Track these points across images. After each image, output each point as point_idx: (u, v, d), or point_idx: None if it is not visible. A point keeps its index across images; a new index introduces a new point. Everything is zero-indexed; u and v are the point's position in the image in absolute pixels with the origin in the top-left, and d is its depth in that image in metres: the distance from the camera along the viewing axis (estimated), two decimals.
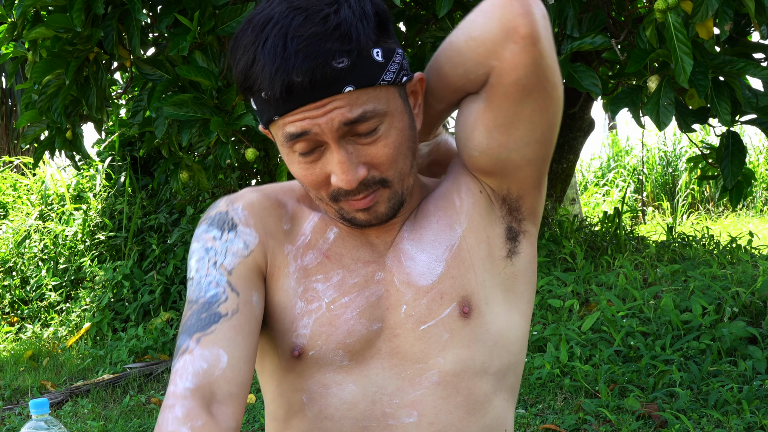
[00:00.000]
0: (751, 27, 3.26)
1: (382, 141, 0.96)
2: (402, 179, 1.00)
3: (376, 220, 1.00)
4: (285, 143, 0.97)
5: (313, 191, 1.00)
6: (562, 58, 2.97)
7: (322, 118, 0.92)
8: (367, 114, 0.93)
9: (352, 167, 0.95)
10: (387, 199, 1.00)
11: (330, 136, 0.94)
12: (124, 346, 4.56)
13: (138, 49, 3.24)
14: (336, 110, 0.92)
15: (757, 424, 2.76)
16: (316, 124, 0.93)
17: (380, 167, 0.97)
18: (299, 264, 1.05)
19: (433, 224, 1.06)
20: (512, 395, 1.10)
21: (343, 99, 0.92)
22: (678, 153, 9.22)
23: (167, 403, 0.90)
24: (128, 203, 5.80)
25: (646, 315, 3.66)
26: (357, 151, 0.95)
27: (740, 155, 3.10)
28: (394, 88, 0.97)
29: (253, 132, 3.38)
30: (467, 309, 1.03)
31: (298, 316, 1.03)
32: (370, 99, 0.94)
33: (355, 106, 0.93)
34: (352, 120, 0.93)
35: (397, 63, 0.97)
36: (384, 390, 1.02)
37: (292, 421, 1.05)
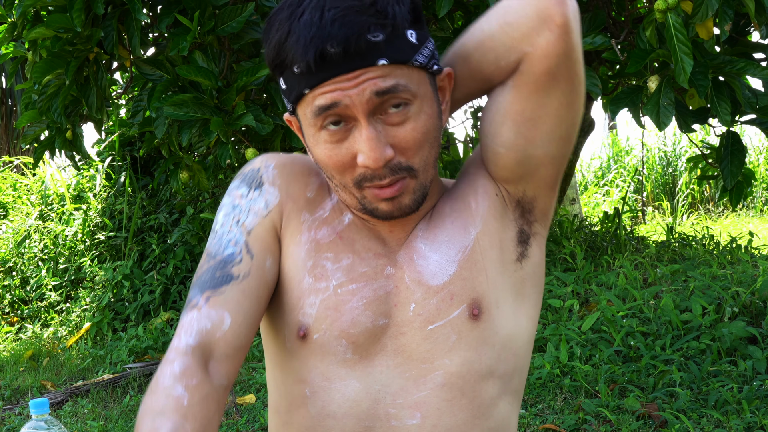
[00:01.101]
0: (751, 27, 3.26)
1: (411, 124, 0.95)
2: (426, 170, 0.99)
3: (399, 212, 0.99)
4: (313, 120, 0.96)
5: (338, 176, 0.98)
6: None
7: (353, 89, 0.92)
8: (399, 86, 0.93)
9: (380, 145, 0.94)
10: (413, 190, 0.98)
11: (360, 108, 0.93)
12: (124, 346, 4.56)
13: (138, 49, 3.24)
14: (368, 81, 0.92)
15: (757, 424, 2.76)
16: (347, 96, 0.92)
17: (407, 152, 0.96)
18: (312, 235, 1.05)
19: (447, 225, 1.05)
20: (517, 398, 1.09)
21: (375, 71, 0.92)
22: (678, 153, 9.22)
23: (168, 357, 0.94)
24: (128, 203, 5.81)
25: (646, 315, 3.66)
26: (386, 131, 0.95)
27: (740, 155, 3.10)
28: (425, 74, 0.97)
29: (253, 132, 3.38)
30: (477, 311, 1.03)
31: (305, 293, 1.03)
32: (403, 76, 0.94)
33: (388, 78, 0.93)
34: (384, 90, 0.92)
35: (429, 50, 0.98)
36: (387, 389, 1.02)
37: (294, 416, 1.05)
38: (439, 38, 3.28)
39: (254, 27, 3.14)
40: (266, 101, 3.67)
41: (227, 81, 3.18)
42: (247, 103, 3.08)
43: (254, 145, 3.49)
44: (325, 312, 1.02)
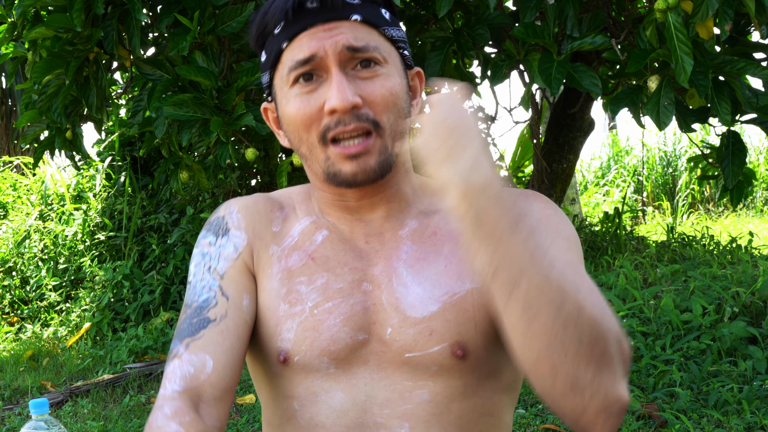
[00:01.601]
0: (752, 27, 3.26)
1: (380, 80, 0.98)
2: (392, 137, 0.98)
3: (363, 174, 0.97)
4: (287, 77, 0.99)
5: (305, 134, 0.99)
6: (563, 58, 2.97)
7: (328, 40, 0.96)
8: (370, 47, 0.97)
9: (348, 89, 0.95)
10: (378, 151, 0.97)
11: (333, 59, 0.96)
12: (124, 346, 4.56)
13: (138, 49, 3.24)
14: (342, 35, 0.96)
15: (757, 424, 2.76)
16: (321, 47, 0.96)
17: (374, 106, 0.97)
18: (283, 265, 1.04)
19: (440, 265, 1.01)
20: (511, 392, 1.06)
21: (349, 27, 0.97)
22: (678, 153, 9.22)
23: (157, 404, 0.95)
24: (128, 203, 5.81)
25: (646, 315, 3.66)
26: (355, 82, 0.97)
27: (741, 155, 3.10)
28: (395, 50, 1.01)
29: (253, 132, 3.38)
30: (461, 352, 0.98)
31: (282, 319, 1.02)
32: (375, 39, 0.99)
33: (360, 38, 0.97)
34: (356, 47, 0.96)
35: (402, 37, 1.02)
36: (374, 400, 1.01)
37: (286, 428, 1.05)
38: (439, 38, 3.28)
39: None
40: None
41: (227, 81, 3.18)
42: (247, 103, 3.08)
43: (254, 145, 3.49)
44: (303, 334, 1.01)
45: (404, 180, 1.05)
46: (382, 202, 1.04)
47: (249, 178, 5.24)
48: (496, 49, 3.77)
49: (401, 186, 1.05)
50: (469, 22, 3.19)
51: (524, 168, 6.43)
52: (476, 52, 3.51)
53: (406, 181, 1.06)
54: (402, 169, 1.05)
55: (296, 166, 3.34)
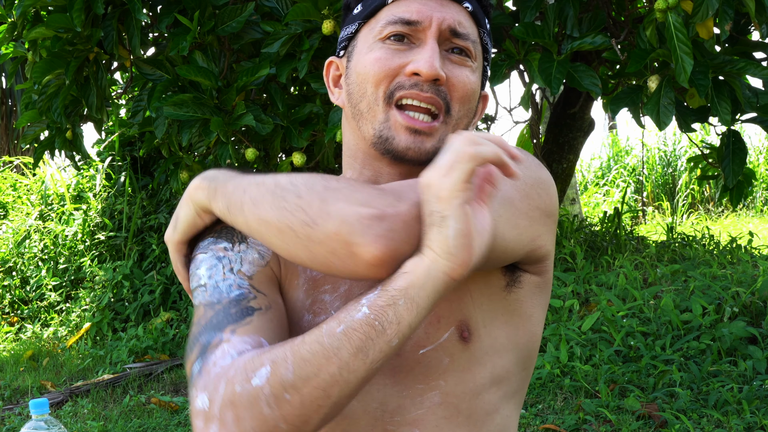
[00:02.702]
0: (751, 26, 3.26)
1: (468, 71, 0.98)
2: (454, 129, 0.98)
3: (416, 152, 0.95)
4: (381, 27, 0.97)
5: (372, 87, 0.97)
6: (563, 58, 2.97)
7: (437, 12, 0.95)
8: (470, 36, 0.97)
9: (439, 61, 0.94)
10: (439, 137, 0.96)
11: (434, 31, 0.95)
12: (124, 346, 4.56)
13: (138, 49, 3.24)
14: (451, 14, 0.96)
15: (757, 424, 2.76)
16: (428, 17, 0.95)
17: (454, 91, 0.96)
18: (308, 275, 1.02)
19: None
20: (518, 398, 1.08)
21: (459, 11, 0.97)
22: (678, 153, 9.22)
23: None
24: (128, 203, 5.81)
25: (646, 315, 3.66)
26: (444, 62, 0.96)
27: (741, 154, 3.10)
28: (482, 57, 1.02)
29: (253, 132, 3.38)
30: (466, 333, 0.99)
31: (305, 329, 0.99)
32: (474, 33, 0.99)
33: (466, 26, 0.97)
34: (460, 32, 0.96)
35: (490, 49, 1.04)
36: (385, 407, 1.00)
37: None
38: None
39: (254, 27, 3.14)
40: (266, 101, 3.67)
41: (227, 81, 3.18)
42: (247, 103, 3.08)
43: (254, 145, 3.49)
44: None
45: None
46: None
47: None
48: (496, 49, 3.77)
49: None
50: None
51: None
52: None
53: None
54: None
55: (296, 166, 3.34)
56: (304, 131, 3.24)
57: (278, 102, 3.20)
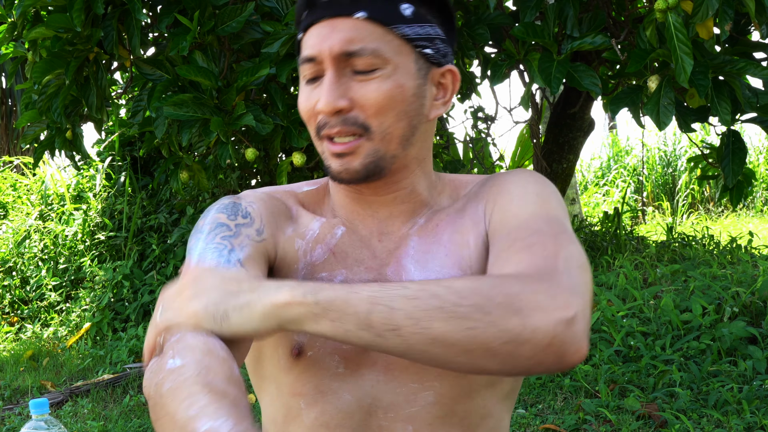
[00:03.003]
0: (751, 26, 3.26)
1: (376, 84, 0.97)
2: (386, 140, 0.98)
3: (347, 174, 0.99)
4: (300, 69, 1.01)
5: (307, 124, 1.02)
6: (562, 57, 2.97)
7: (326, 41, 0.96)
8: (366, 50, 0.96)
9: (335, 92, 0.96)
10: (365, 153, 0.98)
11: (329, 61, 0.97)
12: (124, 346, 4.56)
13: (138, 49, 3.24)
14: (339, 36, 0.96)
15: (757, 424, 2.76)
16: (320, 50, 0.97)
17: (365, 110, 0.97)
18: (308, 260, 1.04)
19: (441, 254, 1.02)
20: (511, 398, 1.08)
21: (350, 26, 0.96)
22: (678, 153, 9.23)
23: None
24: (128, 203, 5.81)
25: (646, 315, 3.66)
26: (349, 84, 0.97)
27: (741, 154, 3.10)
28: (409, 48, 0.99)
29: (253, 132, 3.38)
30: None
31: None
32: (378, 38, 0.96)
33: (358, 40, 0.96)
34: (350, 51, 0.96)
35: (426, 34, 1.00)
36: (379, 403, 1.01)
37: (290, 427, 1.05)
38: None
39: (254, 27, 3.14)
40: (266, 101, 3.67)
41: (227, 81, 3.18)
42: (247, 103, 3.08)
43: (254, 145, 3.49)
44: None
45: (420, 180, 1.05)
46: (396, 201, 1.05)
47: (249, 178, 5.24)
48: (496, 49, 3.77)
49: (416, 186, 1.05)
50: (469, 22, 3.19)
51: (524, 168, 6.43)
52: (476, 51, 3.51)
53: (422, 181, 1.05)
54: (418, 169, 1.04)
55: (296, 165, 3.34)
56: (304, 131, 3.24)
57: (278, 102, 3.21)
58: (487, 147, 5.59)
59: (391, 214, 1.05)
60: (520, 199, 1.00)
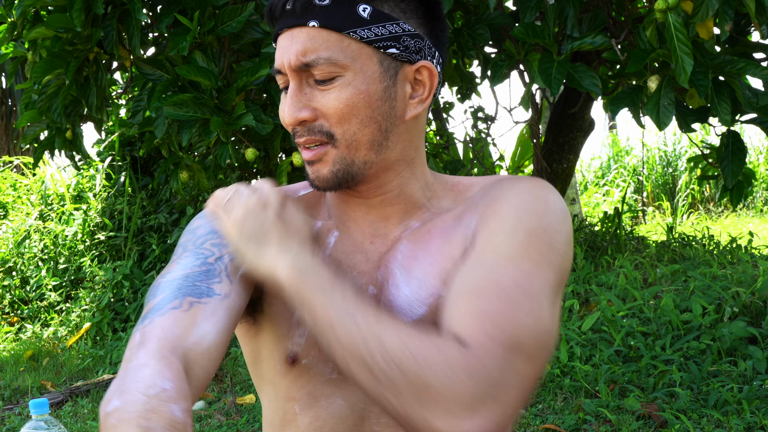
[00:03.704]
0: (752, 27, 3.26)
1: (335, 93, 0.96)
2: (353, 147, 0.97)
3: (318, 180, 0.99)
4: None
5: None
6: (563, 58, 2.97)
7: (286, 52, 0.97)
8: (320, 60, 0.95)
9: (296, 104, 0.97)
10: (332, 161, 0.98)
11: (290, 73, 0.97)
12: (124, 346, 4.56)
13: (138, 49, 3.24)
14: (295, 48, 0.96)
15: (757, 424, 2.76)
16: (282, 61, 0.98)
17: (328, 118, 0.96)
18: None
19: (427, 263, 1.00)
20: None
21: (305, 35, 0.95)
22: (678, 153, 9.23)
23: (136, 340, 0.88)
24: (128, 203, 5.81)
25: (646, 315, 3.66)
26: (311, 93, 0.97)
27: (741, 154, 3.10)
28: (370, 50, 0.96)
29: (253, 132, 3.38)
30: None
31: (295, 324, 1.02)
32: (332, 46, 0.95)
33: (311, 50, 0.95)
34: (304, 62, 0.95)
35: (388, 33, 0.96)
36: (372, 408, 1.01)
37: (286, 430, 1.05)
38: None
39: (254, 27, 3.14)
40: (266, 101, 3.66)
41: (227, 81, 3.18)
42: (247, 103, 3.08)
43: (254, 145, 3.49)
44: (313, 340, 1.00)
45: (409, 182, 1.03)
46: (383, 203, 1.03)
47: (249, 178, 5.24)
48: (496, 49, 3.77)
49: (406, 188, 1.03)
50: (469, 22, 3.19)
51: (524, 168, 6.44)
52: (476, 52, 3.51)
53: (412, 183, 1.03)
54: (405, 171, 1.02)
55: (296, 165, 3.34)
56: None
57: (278, 102, 3.20)
58: (487, 147, 5.59)
59: (382, 215, 1.04)
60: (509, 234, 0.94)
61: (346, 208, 1.05)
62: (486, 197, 1.01)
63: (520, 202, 0.97)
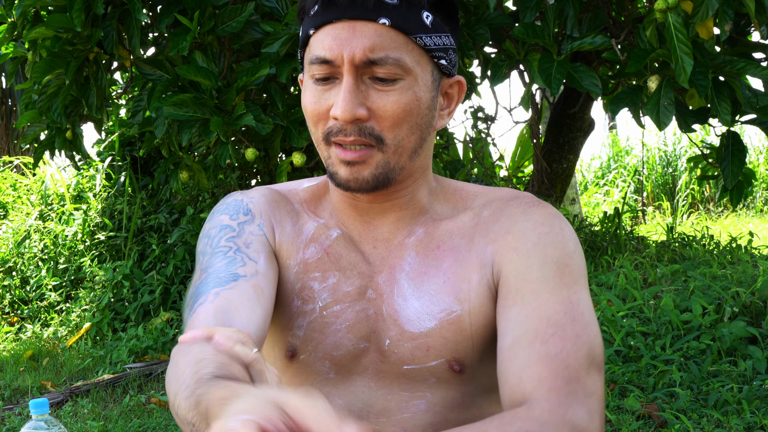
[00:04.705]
0: (751, 27, 3.26)
1: (395, 95, 0.93)
2: (398, 152, 0.96)
3: (356, 183, 0.96)
4: (308, 66, 0.96)
5: (314, 128, 0.98)
6: (563, 58, 2.97)
7: (347, 45, 0.92)
8: (389, 59, 0.92)
9: (354, 100, 0.92)
10: (375, 164, 0.95)
11: (348, 66, 0.92)
12: (124, 346, 4.56)
13: (138, 49, 3.24)
14: (361, 42, 0.92)
15: (757, 424, 2.76)
16: (339, 54, 0.92)
17: (382, 121, 0.94)
18: (301, 257, 1.04)
19: (439, 281, 1.00)
20: None
21: (373, 31, 0.92)
22: (678, 153, 9.22)
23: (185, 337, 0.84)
24: (128, 203, 5.81)
25: (646, 315, 3.66)
26: (368, 92, 0.94)
27: (740, 155, 3.10)
28: (428, 60, 0.96)
29: (253, 132, 3.38)
30: (458, 368, 0.99)
31: (294, 315, 1.03)
32: (400, 47, 0.93)
33: (381, 48, 0.92)
34: (372, 59, 0.92)
35: (443, 44, 0.97)
36: (371, 408, 1.01)
37: None
38: None
39: (254, 27, 3.14)
40: (266, 101, 3.67)
41: (227, 81, 3.18)
42: (247, 103, 3.08)
43: (254, 145, 3.49)
44: (311, 334, 1.01)
45: (421, 187, 1.04)
46: (393, 208, 1.03)
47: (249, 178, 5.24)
48: (496, 49, 3.77)
49: (416, 194, 1.03)
50: (469, 22, 3.19)
51: (524, 168, 6.44)
52: (476, 52, 3.51)
53: (422, 188, 1.04)
54: (420, 177, 1.03)
55: (296, 165, 3.34)
56: (304, 131, 3.24)
57: (278, 102, 3.21)
58: (487, 147, 5.59)
59: (387, 220, 1.04)
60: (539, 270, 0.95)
61: (349, 211, 1.05)
62: (497, 224, 1.00)
63: (540, 235, 0.98)
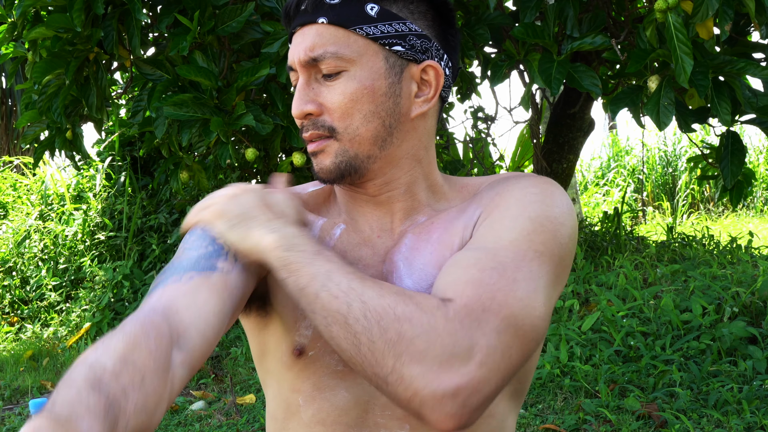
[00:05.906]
0: (751, 27, 3.26)
1: (340, 87, 0.99)
2: (355, 141, 0.99)
3: (321, 172, 1.02)
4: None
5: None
6: (563, 58, 2.97)
7: (296, 50, 1.00)
8: (327, 54, 0.98)
9: (303, 98, 1.00)
10: (334, 153, 1.00)
11: (300, 68, 1.01)
12: None
13: (138, 49, 3.24)
14: (304, 44, 1.00)
15: (757, 424, 2.76)
16: (293, 59, 1.01)
17: (331, 113, 0.99)
18: None
19: (427, 253, 1.01)
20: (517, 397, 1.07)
21: (315, 32, 0.99)
22: (678, 153, 9.23)
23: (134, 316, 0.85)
24: (128, 203, 5.81)
25: (646, 315, 3.66)
26: (318, 89, 1.00)
27: (740, 155, 3.10)
28: (376, 47, 0.99)
29: (253, 132, 3.38)
30: None
31: (301, 317, 1.03)
32: (339, 41, 0.98)
33: (319, 45, 0.98)
34: (313, 57, 0.99)
35: (394, 31, 0.99)
36: (376, 401, 1.01)
37: (289, 423, 1.06)
38: None
39: (254, 27, 3.14)
40: (266, 101, 3.67)
41: (227, 81, 3.18)
42: (247, 103, 3.08)
43: (254, 145, 3.50)
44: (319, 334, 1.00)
45: (418, 178, 1.05)
46: (391, 199, 1.05)
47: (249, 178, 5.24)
48: (496, 49, 3.77)
49: (413, 185, 1.05)
50: (469, 22, 3.19)
51: (524, 168, 6.44)
52: (476, 52, 3.51)
53: (420, 180, 1.05)
54: (412, 168, 1.04)
55: (296, 165, 3.34)
56: None
57: (278, 102, 3.21)
58: (487, 147, 5.59)
59: (389, 211, 1.05)
60: (512, 220, 0.95)
61: (354, 205, 1.07)
62: (491, 191, 1.03)
63: (525, 194, 0.98)
